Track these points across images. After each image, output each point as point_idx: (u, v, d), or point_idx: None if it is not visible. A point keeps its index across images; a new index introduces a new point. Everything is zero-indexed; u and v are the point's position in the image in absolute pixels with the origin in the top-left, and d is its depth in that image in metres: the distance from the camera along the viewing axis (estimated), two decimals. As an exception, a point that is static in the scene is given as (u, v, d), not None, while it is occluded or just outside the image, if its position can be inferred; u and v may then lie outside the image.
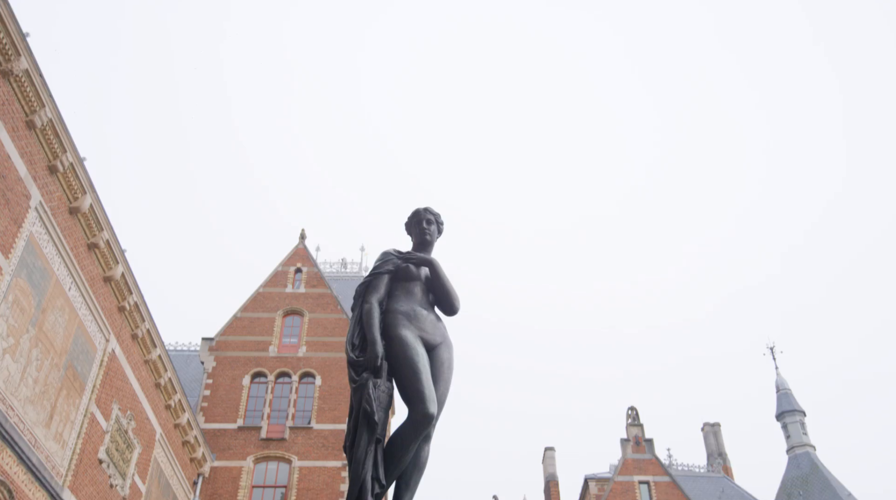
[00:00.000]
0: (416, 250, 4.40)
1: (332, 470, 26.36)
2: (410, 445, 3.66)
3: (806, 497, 31.84)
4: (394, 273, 4.18)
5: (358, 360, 3.79)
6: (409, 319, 4.03)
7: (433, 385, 3.81)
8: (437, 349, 4.04)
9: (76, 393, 17.80)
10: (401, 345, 3.87)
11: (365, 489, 3.40)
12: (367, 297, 4.08)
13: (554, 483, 33.08)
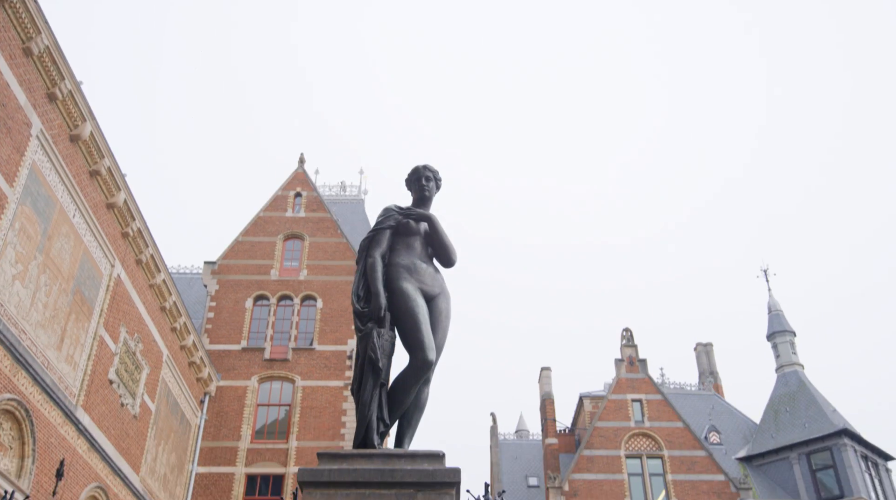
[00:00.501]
0: (416, 205, 4.60)
1: (335, 389, 27.20)
2: (412, 388, 3.97)
3: (792, 414, 32.93)
4: (395, 228, 4.41)
5: (363, 311, 4.09)
6: (410, 272, 4.27)
7: (432, 334, 4.09)
8: (435, 300, 4.30)
9: (84, 317, 18.28)
10: (402, 297, 4.14)
11: (371, 428, 3.74)
12: (371, 251, 4.33)
13: (549, 401, 34.08)
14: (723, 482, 30.19)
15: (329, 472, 3.22)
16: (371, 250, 4.27)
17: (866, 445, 31.30)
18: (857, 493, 29.14)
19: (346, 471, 3.21)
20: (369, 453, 3.41)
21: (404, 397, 3.91)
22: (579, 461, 30.65)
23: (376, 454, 3.40)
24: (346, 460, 3.32)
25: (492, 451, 39.94)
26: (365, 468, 3.25)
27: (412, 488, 3.14)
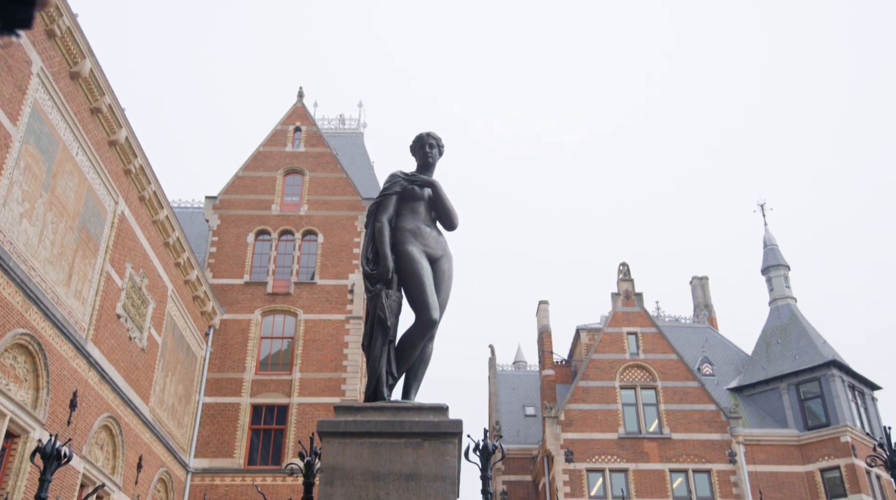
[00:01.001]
0: (420, 171, 4.86)
1: (336, 323, 27.78)
2: (417, 344, 4.32)
3: (783, 345, 33.70)
4: (401, 194, 4.69)
5: (372, 272, 4.37)
6: (415, 236, 4.56)
7: (435, 294, 4.40)
8: (438, 262, 4.59)
9: (91, 254, 18.61)
10: (408, 260, 4.43)
11: (381, 381, 4.07)
12: (379, 216, 4.59)
13: (547, 334, 34.81)
14: (714, 411, 31.15)
15: (345, 423, 3.58)
16: (379, 214, 4.55)
17: (853, 375, 32.17)
18: (842, 421, 30.12)
19: (361, 422, 3.58)
20: (381, 406, 3.77)
21: (411, 352, 4.26)
22: (575, 391, 31.53)
23: (387, 406, 3.76)
24: (360, 412, 3.68)
25: (490, 382, 41.00)
26: (377, 420, 3.61)
27: (419, 437, 3.51)
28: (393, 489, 3.38)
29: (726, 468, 30.03)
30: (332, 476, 3.34)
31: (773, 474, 30.00)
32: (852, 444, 29.67)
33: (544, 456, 31.51)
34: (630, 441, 30.42)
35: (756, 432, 30.83)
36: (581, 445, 30.28)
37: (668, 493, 29.60)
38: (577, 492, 29.47)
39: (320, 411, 25.98)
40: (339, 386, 26.58)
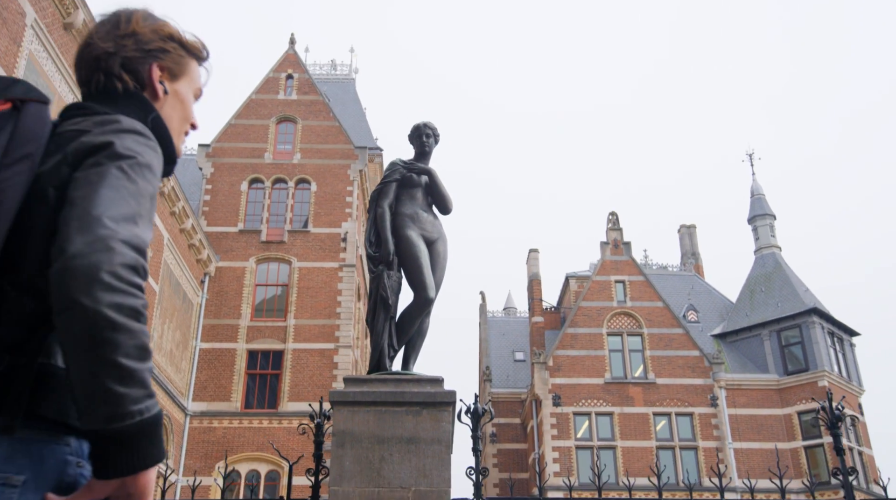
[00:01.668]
0: (417, 159, 5.27)
1: (330, 270, 28.25)
2: (416, 320, 4.83)
3: (767, 293, 34.53)
4: (400, 181, 5.09)
5: (374, 255, 4.83)
6: (413, 220, 5.00)
7: (432, 274, 4.89)
8: (434, 244, 5.04)
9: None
10: (407, 243, 4.88)
11: (383, 353, 4.57)
12: (380, 202, 4.99)
13: (536, 282, 35.49)
14: (697, 357, 32.09)
15: (353, 393, 4.08)
16: (380, 200, 4.98)
17: (833, 322, 33.09)
18: (821, 367, 31.14)
19: (367, 393, 4.07)
20: (384, 378, 4.25)
21: (409, 327, 4.75)
22: (563, 338, 32.36)
23: (390, 378, 4.25)
24: (366, 383, 4.18)
25: (480, 327, 41.86)
26: (381, 391, 4.11)
27: (418, 406, 4.02)
28: (396, 450, 3.91)
29: (708, 412, 31.12)
30: (343, 439, 3.87)
31: (752, 416, 31.13)
32: (829, 388, 30.50)
33: (533, 400, 32.51)
34: (616, 386, 31.40)
35: (737, 377, 31.85)
36: (568, 389, 31.25)
37: (652, 435, 30.72)
38: (564, 434, 30.55)
39: (314, 356, 26.65)
40: (333, 333, 27.20)
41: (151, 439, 1.29)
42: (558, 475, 29.70)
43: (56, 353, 1.40)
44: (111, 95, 1.60)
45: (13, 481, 1.29)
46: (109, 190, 1.34)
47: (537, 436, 31.73)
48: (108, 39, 1.63)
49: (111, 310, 1.23)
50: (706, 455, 30.45)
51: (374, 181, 35.75)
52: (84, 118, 1.51)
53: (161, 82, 1.67)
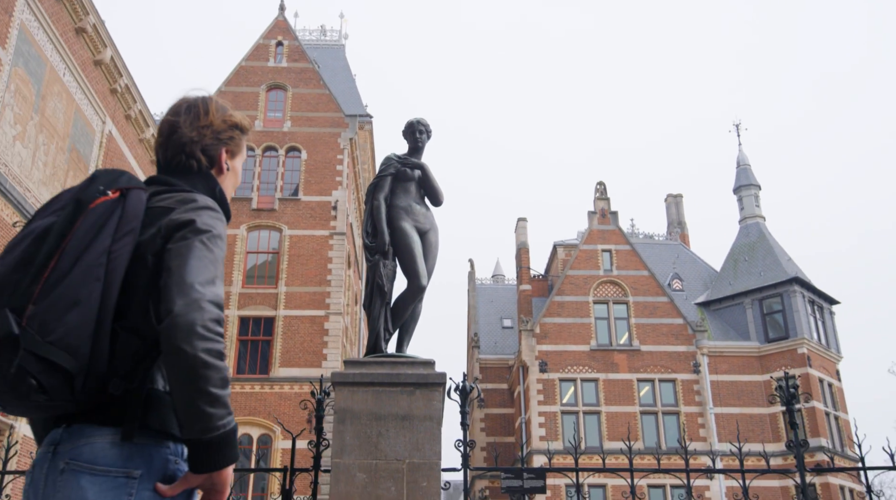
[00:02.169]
0: (410, 154, 5.61)
1: (320, 238, 28.54)
2: (409, 305, 5.22)
3: (750, 262, 35.15)
4: (394, 175, 5.43)
5: (371, 245, 5.20)
6: (407, 213, 5.34)
7: (424, 263, 5.26)
8: (427, 234, 5.40)
9: (81, 173, 19.08)
10: (401, 234, 5.24)
11: (379, 336, 4.96)
12: (376, 195, 5.34)
13: (524, 250, 35.94)
14: (681, 325, 32.76)
15: (353, 375, 4.47)
16: (376, 194, 5.32)
17: (814, 291, 33.81)
18: (800, 334, 31.90)
19: (365, 374, 4.46)
20: (381, 360, 4.65)
21: (403, 312, 5.14)
22: (550, 306, 32.92)
23: (386, 361, 4.64)
24: (364, 365, 4.56)
25: (469, 295, 42.39)
26: (378, 372, 4.50)
27: (412, 386, 4.42)
28: (391, 426, 4.32)
29: (690, 378, 31.88)
30: (344, 416, 4.28)
31: (733, 382, 31.92)
32: (808, 355, 31.53)
33: (520, 366, 33.17)
34: (601, 353, 32.08)
35: (720, 344, 32.57)
36: (555, 356, 31.90)
37: (635, 401, 31.48)
38: (550, 400, 31.27)
39: (305, 323, 27.06)
40: (324, 300, 27.59)
41: (230, 445, 1.76)
42: (544, 439, 30.48)
43: (157, 380, 1.86)
44: (188, 171, 2.10)
45: (133, 474, 1.76)
46: (195, 260, 1.80)
47: (524, 401, 32.46)
48: (193, 129, 2.12)
49: (204, 354, 1.71)
50: (688, 420, 31.28)
51: (364, 149, 35.91)
52: (169, 195, 1.96)
53: (225, 162, 2.18)
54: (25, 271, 1.72)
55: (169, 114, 2.15)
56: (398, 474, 4.18)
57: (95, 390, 1.76)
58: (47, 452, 1.81)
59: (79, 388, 1.72)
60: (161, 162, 2.16)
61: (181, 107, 2.15)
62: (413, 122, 5.53)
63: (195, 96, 2.19)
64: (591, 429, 31.05)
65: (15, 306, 1.68)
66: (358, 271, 34.42)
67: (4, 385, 1.67)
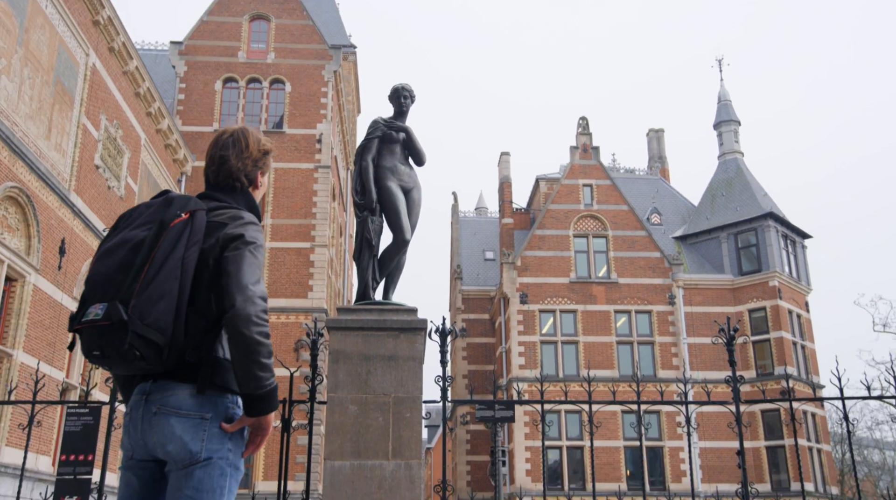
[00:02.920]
0: (395, 117, 6.05)
1: (305, 171, 28.82)
2: (394, 257, 5.75)
3: (727, 197, 35.89)
4: (381, 138, 5.87)
5: (360, 202, 5.70)
6: (392, 172, 5.82)
7: (408, 218, 5.76)
8: (410, 192, 5.89)
9: (67, 107, 19.21)
10: (387, 193, 5.73)
11: (368, 285, 5.51)
12: (364, 156, 5.80)
13: (507, 184, 36.38)
14: (658, 258, 33.64)
15: (345, 320, 5.03)
16: (364, 155, 5.79)
17: (788, 225, 34.72)
18: (773, 267, 32.92)
19: (356, 320, 5.03)
20: (369, 308, 5.21)
21: (389, 263, 5.67)
22: (531, 239, 33.61)
23: (374, 308, 5.20)
24: (355, 312, 5.13)
25: (452, 227, 42.99)
26: (367, 318, 5.07)
27: (397, 331, 5.01)
28: (379, 365, 4.93)
29: (665, 309, 32.96)
30: (337, 357, 4.87)
31: (706, 314, 33.05)
32: (779, 287, 32.62)
33: (501, 298, 34.07)
34: (580, 285, 32.99)
35: (695, 277, 33.56)
36: (535, 288, 32.78)
37: (612, 331, 32.59)
38: (530, 330, 32.30)
39: (291, 255, 27.58)
40: (309, 232, 28.05)
41: (272, 397, 2.44)
42: (523, 367, 31.63)
43: (219, 350, 2.52)
44: (233, 190, 2.77)
45: (206, 416, 2.48)
46: (247, 266, 2.46)
47: (504, 331, 33.49)
48: (238, 160, 2.80)
49: (257, 335, 2.36)
50: (662, 350, 32.49)
51: (348, 80, 35.79)
52: (222, 212, 2.61)
53: (259, 180, 2.85)
54: (126, 274, 2.39)
55: (218, 149, 2.84)
56: (385, 406, 4.83)
57: (176, 357, 2.41)
58: (140, 399, 2.52)
59: (165, 356, 2.38)
60: (211, 181, 2.85)
61: (227, 141, 2.83)
62: (398, 87, 5.97)
63: (234, 130, 2.87)
64: (570, 358, 32.22)
65: (122, 299, 2.34)
66: (343, 204, 34.82)
67: (117, 355, 2.35)
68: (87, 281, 2.50)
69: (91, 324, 2.35)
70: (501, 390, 33.01)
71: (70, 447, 5.11)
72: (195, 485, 2.41)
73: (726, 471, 29.93)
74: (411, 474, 4.64)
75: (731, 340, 5.55)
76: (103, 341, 2.34)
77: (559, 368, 31.95)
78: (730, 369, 5.32)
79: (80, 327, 2.41)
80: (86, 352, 2.44)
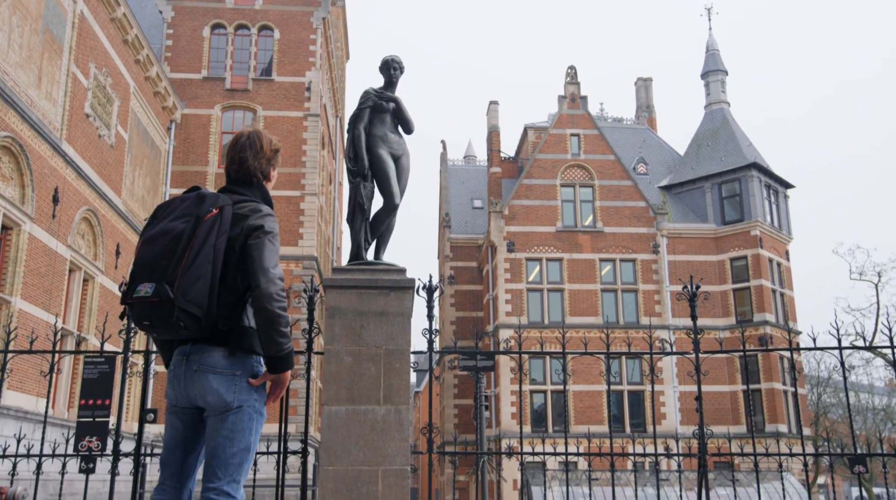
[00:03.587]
0: (385, 88, 6.41)
1: (295, 119, 28.92)
2: (385, 220, 6.18)
3: (713, 147, 36.26)
4: (372, 107, 6.24)
5: (353, 169, 6.09)
6: (383, 141, 6.19)
7: (397, 184, 6.17)
8: (399, 159, 6.28)
9: (56, 55, 19.24)
10: (378, 160, 6.12)
11: (361, 246, 5.95)
12: (357, 125, 6.17)
13: (496, 134, 36.55)
14: (643, 207, 34.17)
15: (340, 280, 5.49)
16: (356, 124, 6.16)
17: (771, 176, 35.22)
18: (755, 217, 33.55)
19: (350, 279, 5.49)
20: (362, 268, 5.66)
21: (380, 225, 6.09)
22: (519, 188, 34.00)
23: (367, 268, 5.66)
24: (349, 272, 5.59)
25: (441, 176, 43.24)
26: (360, 278, 5.53)
27: (388, 289, 5.47)
28: (371, 320, 5.42)
29: (649, 258, 33.64)
30: (334, 313, 5.35)
31: (689, 262, 33.77)
32: (760, 237, 33.31)
33: (488, 246, 34.61)
34: (566, 234, 33.55)
35: (679, 226, 34.17)
36: (522, 237, 33.33)
37: (597, 279, 33.29)
38: (517, 278, 32.95)
39: (282, 203, 27.87)
40: (300, 180, 28.30)
41: (289, 358, 2.97)
42: (510, 314, 32.36)
43: (245, 319, 3.04)
44: (250, 184, 3.24)
45: (236, 373, 2.99)
46: (267, 252, 2.96)
47: (492, 279, 34.13)
48: (255, 160, 3.28)
49: (277, 310, 2.90)
50: (645, 297, 33.27)
51: (336, 27, 35.57)
52: (244, 205, 3.09)
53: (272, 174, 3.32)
54: (170, 260, 2.88)
55: (237, 151, 3.30)
56: (377, 357, 5.34)
57: (211, 326, 2.95)
58: (181, 359, 3.09)
59: (202, 325, 2.91)
60: (232, 177, 3.32)
61: (245, 144, 3.30)
62: (388, 60, 6.32)
63: (249, 132, 3.36)
64: (555, 305, 32.96)
65: (168, 281, 2.85)
66: (332, 152, 34.97)
67: (164, 324, 2.88)
68: (135, 263, 3.01)
69: (142, 300, 2.84)
70: (488, 336, 33.80)
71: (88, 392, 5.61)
72: (229, 427, 2.99)
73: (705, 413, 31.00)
74: (400, 417, 5.19)
75: (693, 296, 6.04)
76: (153, 313, 2.85)
77: (545, 315, 32.71)
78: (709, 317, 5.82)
79: (131, 302, 2.91)
80: (136, 322, 2.96)
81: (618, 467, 24.87)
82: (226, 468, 2.97)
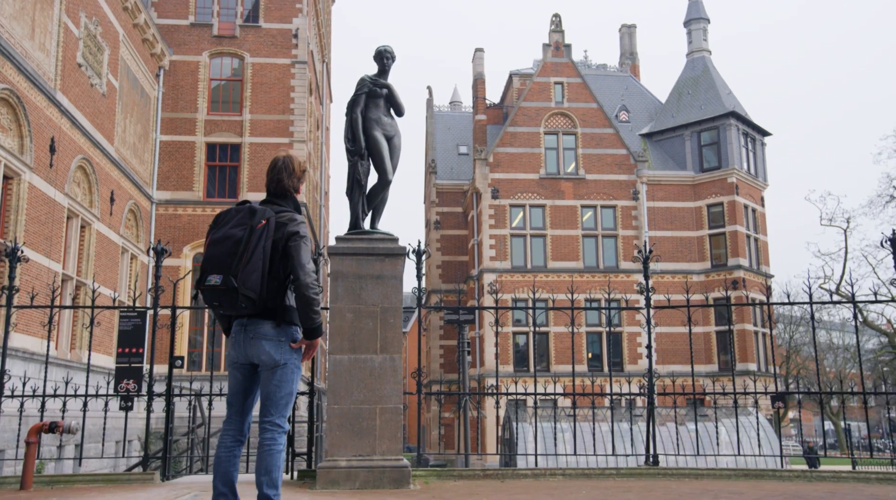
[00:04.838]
0: (378, 76, 7.13)
1: (282, 66, 29.22)
2: (379, 194, 6.98)
3: (693, 96, 36.89)
4: (367, 93, 6.98)
5: (351, 149, 6.88)
6: (377, 123, 6.94)
7: (390, 161, 6.95)
8: (392, 139, 7.04)
9: (48, 5, 19.54)
10: (373, 141, 6.88)
11: (358, 217, 6.79)
12: (354, 109, 6.93)
13: (481, 81, 36.93)
14: (624, 155, 34.96)
15: (342, 248, 6.37)
16: (354, 108, 6.92)
17: (749, 124, 36.00)
18: (732, 165, 34.47)
19: (350, 247, 6.37)
20: (360, 236, 6.53)
21: (375, 198, 6.92)
22: (503, 136, 34.63)
23: (364, 237, 6.53)
24: (349, 240, 6.46)
25: (427, 122, 43.64)
26: (359, 246, 6.41)
27: (383, 256, 6.36)
28: (369, 283, 6.33)
29: (629, 204, 34.60)
30: (336, 276, 6.25)
31: (667, 209, 34.78)
32: (736, 184, 34.30)
33: (473, 193, 35.40)
34: (549, 181, 34.37)
35: (658, 173, 35.05)
36: (506, 183, 34.12)
37: (578, 225, 34.29)
38: (501, 224, 33.87)
39: (270, 150, 28.39)
40: (288, 128, 28.78)
41: (320, 328, 3.96)
42: (494, 259, 33.39)
43: (287, 299, 3.98)
44: (285, 197, 4.17)
45: (282, 339, 3.97)
46: (303, 252, 3.92)
47: (477, 225, 35.02)
48: (289, 179, 4.19)
49: (312, 295, 3.84)
50: (624, 242, 34.36)
51: (322, -29, 35.43)
52: (283, 214, 4.00)
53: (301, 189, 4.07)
54: (233, 258, 3.82)
55: (276, 173, 4.23)
56: (374, 314, 6.30)
57: (262, 305, 3.90)
58: (240, 328, 4.04)
59: (257, 305, 3.86)
60: (271, 191, 4.25)
61: (281, 167, 4.22)
62: (381, 50, 7.07)
63: (284, 157, 4.28)
64: (538, 250, 34.00)
65: (233, 275, 3.78)
66: (318, 98, 35.31)
67: (230, 305, 3.84)
68: (205, 259, 3.96)
69: (212, 288, 3.82)
70: (473, 280, 34.88)
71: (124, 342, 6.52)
72: (278, 378, 4.01)
73: (679, 354, 32.47)
74: (394, 364, 6.18)
75: (646, 260, 6.95)
76: (221, 298, 3.86)
77: (528, 259, 33.77)
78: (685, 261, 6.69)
79: (203, 288, 3.87)
80: (208, 303, 3.93)
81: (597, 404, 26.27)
82: (276, 406, 3.99)
